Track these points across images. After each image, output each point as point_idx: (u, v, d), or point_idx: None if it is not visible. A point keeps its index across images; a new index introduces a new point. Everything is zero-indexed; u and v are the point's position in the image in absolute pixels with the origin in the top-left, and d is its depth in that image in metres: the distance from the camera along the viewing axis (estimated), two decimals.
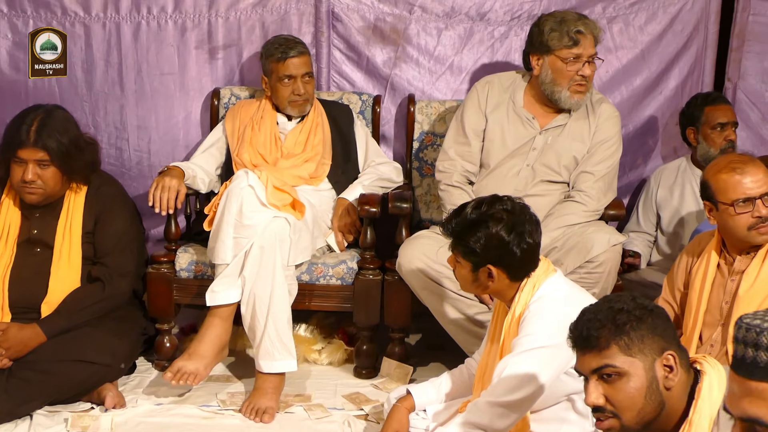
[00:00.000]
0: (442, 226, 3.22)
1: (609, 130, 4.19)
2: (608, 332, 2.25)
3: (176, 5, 4.78)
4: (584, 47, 4.08)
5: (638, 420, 2.26)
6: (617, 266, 3.95)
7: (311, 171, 4.38)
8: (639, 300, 2.31)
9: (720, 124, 4.49)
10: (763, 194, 3.21)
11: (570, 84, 4.10)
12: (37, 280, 3.90)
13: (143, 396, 3.98)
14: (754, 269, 3.25)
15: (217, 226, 3.96)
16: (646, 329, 2.25)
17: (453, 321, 3.99)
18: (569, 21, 4.10)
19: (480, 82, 4.35)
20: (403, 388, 3.48)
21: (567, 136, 4.16)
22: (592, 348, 2.27)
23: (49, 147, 3.81)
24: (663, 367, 2.25)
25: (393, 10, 4.82)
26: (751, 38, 4.84)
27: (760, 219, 3.22)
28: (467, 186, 4.18)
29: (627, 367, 2.24)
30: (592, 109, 4.20)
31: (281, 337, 3.87)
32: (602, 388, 2.26)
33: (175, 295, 4.24)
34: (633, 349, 2.24)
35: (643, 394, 2.24)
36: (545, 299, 3.08)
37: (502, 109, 4.23)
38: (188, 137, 4.89)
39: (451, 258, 3.20)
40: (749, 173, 3.23)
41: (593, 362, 2.27)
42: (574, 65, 4.09)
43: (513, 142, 4.19)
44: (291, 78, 4.35)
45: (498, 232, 3.06)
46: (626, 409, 2.25)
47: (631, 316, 2.25)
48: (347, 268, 4.22)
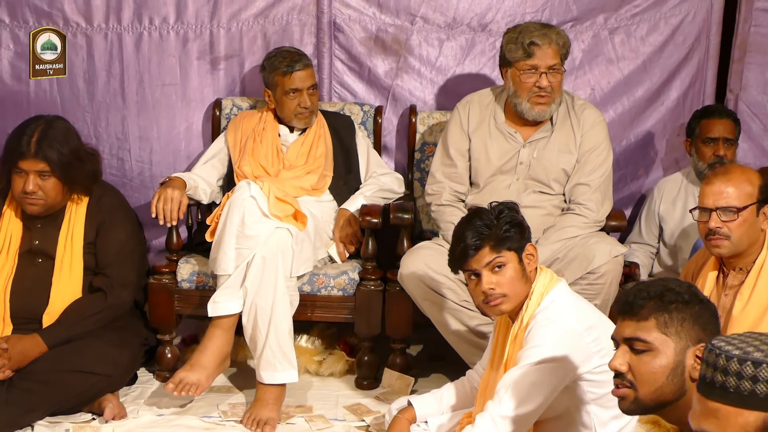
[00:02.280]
0: (473, 243, 3.10)
1: (596, 137, 4.17)
2: (652, 305, 2.28)
3: (178, 16, 4.79)
4: (540, 58, 4.04)
5: (654, 397, 2.29)
6: (619, 277, 3.94)
7: (313, 183, 4.38)
8: (694, 289, 2.35)
9: (710, 138, 4.49)
10: (718, 207, 3.23)
11: (529, 96, 4.08)
12: (39, 290, 3.90)
13: (144, 407, 3.98)
14: (748, 288, 3.24)
15: (219, 236, 3.96)
16: (690, 315, 2.28)
17: (454, 332, 3.98)
18: (525, 32, 4.07)
19: (461, 102, 4.33)
20: (405, 399, 3.48)
21: (553, 149, 4.15)
22: (633, 315, 2.30)
23: (50, 158, 3.81)
24: (694, 356, 2.27)
25: (395, 20, 4.83)
26: (753, 49, 4.84)
27: (711, 231, 3.25)
28: (458, 203, 4.18)
29: (658, 344, 2.27)
30: (576, 117, 4.18)
31: (282, 348, 3.87)
32: (629, 356, 2.30)
33: (176, 305, 4.23)
34: (670, 329, 2.27)
35: (666, 373, 2.27)
36: (551, 310, 3.07)
37: (484, 126, 4.22)
38: (190, 148, 4.89)
39: (487, 275, 3.09)
40: (715, 184, 3.27)
41: (627, 330, 2.30)
42: (530, 77, 4.06)
43: (498, 158, 4.17)
44: (297, 91, 4.36)
45: (516, 217, 3.13)
46: (645, 383, 2.28)
47: (679, 298, 2.29)
48: (349, 279, 4.22)
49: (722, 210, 3.22)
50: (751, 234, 3.24)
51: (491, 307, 3.11)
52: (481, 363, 3.44)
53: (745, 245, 3.26)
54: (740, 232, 3.23)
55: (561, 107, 4.18)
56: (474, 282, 3.13)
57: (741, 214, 3.21)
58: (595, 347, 3.03)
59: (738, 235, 3.23)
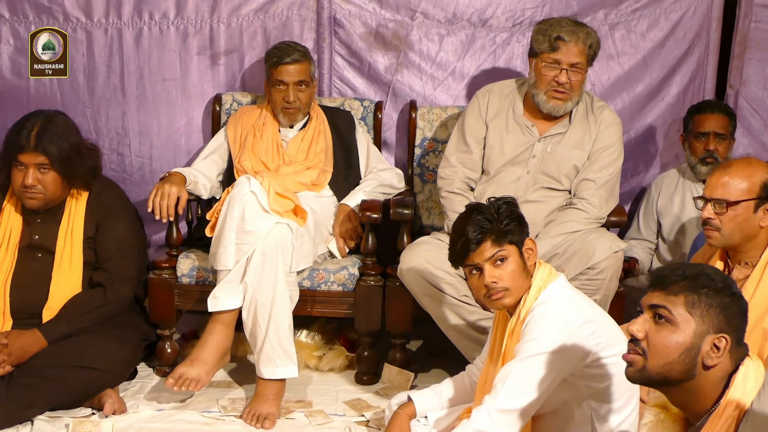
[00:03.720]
0: (474, 237, 3.10)
1: (610, 137, 4.18)
2: (685, 284, 2.33)
3: (178, 11, 4.79)
4: (563, 54, 4.06)
5: (661, 371, 2.32)
6: (618, 273, 3.94)
7: (313, 178, 4.38)
8: (730, 281, 2.39)
9: (701, 132, 4.50)
10: (713, 198, 3.23)
11: (547, 88, 4.10)
12: (39, 285, 3.90)
13: (144, 402, 3.98)
14: (753, 282, 3.23)
15: (219, 232, 3.96)
16: (718, 303, 2.32)
17: (454, 327, 3.99)
18: (555, 26, 4.09)
19: (481, 90, 4.35)
20: (404, 394, 3.48)
21: (567, 144, 4.16)
22: (663, 288, 2.35)
23: (50, 152, 3.81)
24: (712, 344, 2.30)
25: (395, 16, 4.82)
26: (753, 45, 4.83)
27: (704, 221, 3.27)
28: (468, 192, 4.18)
29: (681, 320, 2.31)
30: (593, 116, 4.20)
31: (282, 343, 3.87)
32: (649, 325, 2.34)
33: (176, 300, 4.23)
34: (696, 310, 2.31)
35: (679, 351, 2.30)
36: (549, 303, 3.08)
37: (502, 116, 4.23)
38: (190, 143, 4.89)
39: (489, 268, 3.10)
40: (714, 176, 3.29)
41: (655, 299, 2.36)
42: (551, 70, 4.08)
43: (512, 149, 4.18)
44: (283, 84, 4.35)
45: (515, 211, 3.15)
46: (656, 354, 2.32)
47: (712, 284, 2.33)
48: (348, 274, 4.22)
49: (716, 201, 3.23)
50: (744, 229, 3.23)
51: (493, 300, 3.12)
52: (481, 358, 3.45)
53: (738, 240, 3.25)
54: (731, 226, 3.22)
55: (580, 106, 4.18)
56: (475, 276, 3.13)
57: (733, 208, 3.21)
58: (593, 341, 3.03)
59: (729, 229, 3.23)
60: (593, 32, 4.15)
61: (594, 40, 4.12)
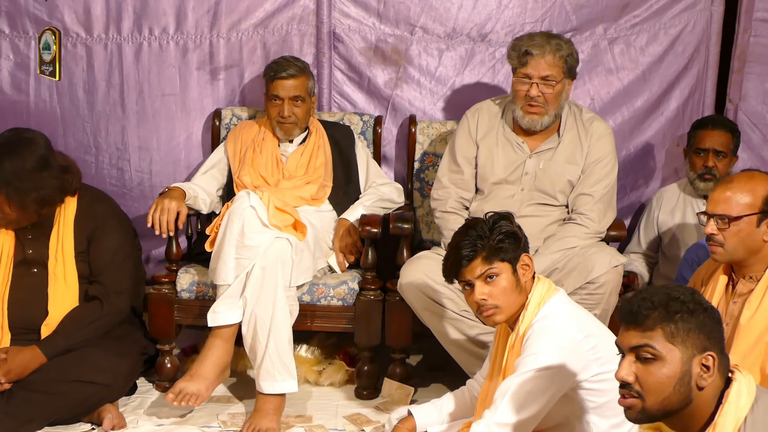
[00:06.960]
0: (466, 254, 3.11)
1: (602, 149, 4.17)
2: (658, 315, 2.30)
3: (178, 26, 4.80)
4: (533, 67, 4.05)
5: (660, 407, 2.30)
6: (618, 287, 3.93)
7: (313, 193, 4.38)
8: (697, 296, 2.35)
9: (701, 148, 4.50)
10: (715, 214, 3.22)
11: (522, 104, 4.10)
12: (36, 300, 3.90)
13: (144, 417, 3.97)
14: (757, 297, 3.21)
15: (218, 246, 3.96)
16: (695, 324, 2.29)
17: (454, 342, 3.98)
18: (525, 40, 4.09)
19: (470, 109, 4.34)
20: (405, 409, 3.47)
21: (559, 160, 4.15)
22: (638, 325, 2.32)
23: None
24: (700, 365, 2.29)
25: (394, 30, 4.83)
26: (752, 60, 4.84)
27: (708, 237, 3.25)
28: (463, 211, 4.18)
29: (665, 353, 2.28)
30: (584, 129, 4.19)
31: (282, 358, 3.86)
32: (635, 367, 2.31)
33: (176, 315, 4.23)
34: (676, 339, 2.28)
35: (672, 383, 2.28)
36: (549, 318, 3.07)
37: (492, 134, 4.23)
38: (189, 158, 4.90)
39: (480, 285, 3.11)
40: (717, 191, 3.27)
41: (634, 339, 2.32)
42: (523, 85, 4.08)
43: (503, 167, 4.18)
44: (278, 99, 4.36)
45: (511, 227, 3.14)
46: (652, 393, 2.30)
47: (684, 307, 2.30)
48: (348, 289, 4.22)
49: (718, 217, 3.22)
50: (748, 244, 3.22)
51: (484, 317, 3.13)
52: (482, 373, 3.44)
53: (742, 254, 3.23)
54: (735, 242, 3.21)
55: (569, 119, 4.18)
56: (468, 292, 3.15)
57: (736, 223, 3.19)
58: (593, 355, 3.03)
59: (732, 244, 3.21)
60: (566, 43, 4.12)
61: (567, 51, 4.09)
